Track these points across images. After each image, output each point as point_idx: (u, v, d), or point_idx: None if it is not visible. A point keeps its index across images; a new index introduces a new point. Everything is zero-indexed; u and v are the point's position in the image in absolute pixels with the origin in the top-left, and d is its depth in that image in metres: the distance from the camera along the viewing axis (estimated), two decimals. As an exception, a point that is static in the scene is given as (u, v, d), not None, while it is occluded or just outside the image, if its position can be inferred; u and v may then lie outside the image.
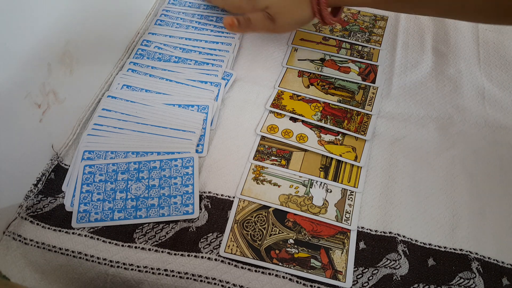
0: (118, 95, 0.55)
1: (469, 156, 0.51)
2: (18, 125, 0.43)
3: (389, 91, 0.58)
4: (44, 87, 0.46)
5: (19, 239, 0.44)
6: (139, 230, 0.45)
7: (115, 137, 0.52)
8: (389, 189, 0.49)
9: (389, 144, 0.52)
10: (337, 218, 0.46)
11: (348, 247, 0.44)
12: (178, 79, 0.58)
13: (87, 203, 0.46)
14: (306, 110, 0.55)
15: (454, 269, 0.43)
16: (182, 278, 0.43)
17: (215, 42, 0.63)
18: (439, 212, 0.47)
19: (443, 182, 0.49)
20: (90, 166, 0.49)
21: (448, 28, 0.64)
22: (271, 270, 0.43)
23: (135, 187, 0.48)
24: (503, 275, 0.43)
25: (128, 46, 0.62)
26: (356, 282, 0.42)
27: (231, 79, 0.58)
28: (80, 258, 0.44)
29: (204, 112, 0.54)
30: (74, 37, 0.49)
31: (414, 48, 0.63)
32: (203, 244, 0.45)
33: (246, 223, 0.46)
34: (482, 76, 0.59)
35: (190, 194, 0.47)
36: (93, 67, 0.55)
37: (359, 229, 0.46)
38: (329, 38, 0.64)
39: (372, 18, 0.67)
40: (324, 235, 0.45)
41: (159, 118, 0.53)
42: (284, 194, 0.48)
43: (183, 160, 0.49)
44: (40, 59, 0.45)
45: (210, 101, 0.55)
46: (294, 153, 0.51)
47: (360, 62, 0.61)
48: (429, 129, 0.54)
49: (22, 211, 0.46)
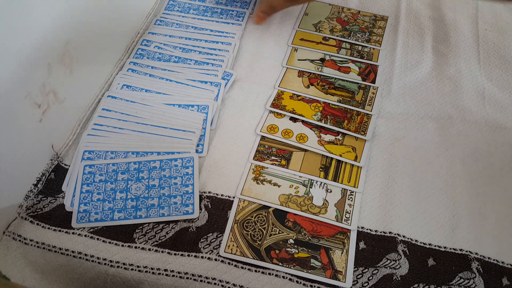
0: (118, 95, 0.55)
1: (469, 156, 0.51)
2: (18, 125, 0.43)
3: (389, 91, 0.58)
4: (44, 87, 0.46)
5: (19, 239, 0.44)
6: (139, 230, 0.45)
7: (115, 137, 0.52)
8: (389, 189, 0.49)
9: (389, 144, 0.52)
10: (337, 218, 0.46)
11: (348, 247, 0.44)
12: (178, 79, 0.58)
13: (87, 203, 0.46)
14: (306, 110, 0.55)
15: (454, 269, 0.43)
16: (182, 278, 0.43)
17: (215, 42, 0.63)
18: (439, 212, 0.47)
19: (443, 182, 0.49)
20: (90, 166, 0.49)
21: (448, 28, 0.64)
22: (271, 270, 0.43)
23: (135, 187, 0.48)
24: (503, 275, 0.43)
25: (128, 46, 0.62)
26: (356, 282, 0.42)
27: (231, 79, 0.58)
28: (80, 258, 0.44)
29: (204, 112, 0.54)
30: (74, 37, 0.49)
31: (414, 48, 0.63)
32: (203, 244, 0.45)
33: (246, 223, 0.46)
34: (482, 76, 0.59)
35: (190, 194, 0.47)
36: (93, 67, 0.55)
37: (359, 229, 0.46)
38: (329, 38, 0.64)
39: (372, 18, 0.67)
40: (324, 235, 0.45)
41: (159, 118, 0.53)
42: (284, 194, 0.48)
43: (183, 160, 0.49)
44: (40, 59, 0.45)
45: (210, 101, 0.55)
46: (294, 153, 0.51)
47: (360, 62, 0.61)
48: (429, 129, 0.54)
49: (22, 211, 0.46)
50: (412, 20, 0.66)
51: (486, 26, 0.65)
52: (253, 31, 0.65)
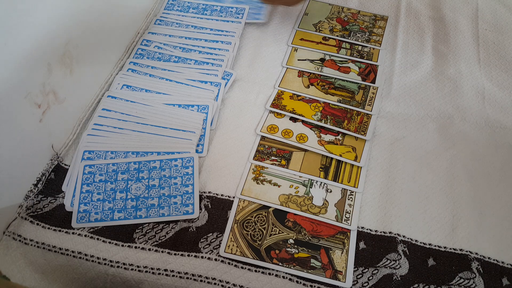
0: (118, 95, 0.55)
1: (469, 156, 0.51)
2: (18, 125, 0.43)
3: (389, 91, 0.58)
4: (44, 87, 0.46)
5: (19, 239, 0.44)
6: (139, 230, 0.45)
7: (115, 137, 0.52)
8: (389, 189, 0.48)
9: (389, 144, 0.52)
10: (337, 218, 0.46)
11: (348, 247, 0.44)
12: (178, 79, 0.58)
13: (87, 203, 0.46)
14: (306, 110, 0.55)
15: (454, 269, 0.43)
16: (182, 278, 0.43)
17: (215, 41, 0.63)
18: (439, 212, 0.47)
19: (443, 182, 0.49)
20: (90, 166, 0.49)
21: (448, 28, 0.64)
22: (271, 270, 0.43)
23: (135, 187, 0.48)
24: (503, 275, 0.43)
25: (128, 46, 0.62)
26: (356, 282, 0.42)
27: (231, 78, 0.58)
28: (80, 258, 0.44)
29: (204, 112, 0.54)
30: (74, 37, 0.49)
31: (414, 48, 0.63)
32: (203, 244, 0.45)
33: (246, 223, 0.46)
34: (482, 76, 0.59)
35: (190, 194, 0.47)
36: (93, 67, 0.55)
37: (359, 229, 0.46)
38: (329, 38, 0.64)
39: (372, 18, 0.67)
40: (324, 235, 0.45)
41: (159, 118, 0.53)
42: (284, 194, 0.48)
43: (183, 160, 0.49)
44: (40, 59, 0.45)
45: (210, 101, 0.55)
46: (294, 153, 0.51)
47: (360, 62, 0.61)
48: (429, 129, 0.54)
49: (22, 211, 0.46)
50: (412, 20, 0.66)
51: (486, 26, 0.65)
52: (253, 30, 0.65)
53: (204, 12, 0.67)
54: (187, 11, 0.67)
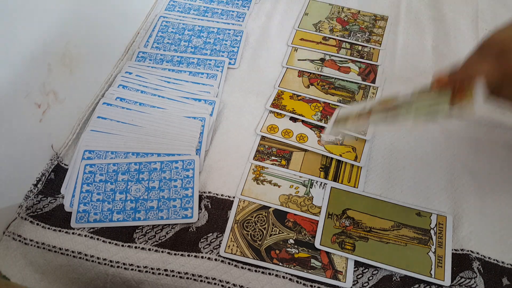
0: (114, 102, 0.54)
1: (469, 155, 0.51)
2: (18, 125, 0.43)
3: (389, 91, 0.58)
4: (44, 87, 0.46)
5: (19, 239, 0.44)
6: (139, 230, 0.45)
7: (115, 137, 0.51)
8: (389, 189, 0.48)
9: (389, 144, 0.52)
10: (337, 218, 0.46)
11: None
12: (171, 96, 0.56)
13: (87, 203, 0.46)
14: (306, 110, 0.55)
15: (454, 269, 0.43)
16: (182, 278, 0.43)
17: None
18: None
19: (443, 182, 0.49)
20: (90, 166, 0.49)
21: (448, 28, 0.64)
22: (271, 270, 0.43)
23: (135, 188, 0.48)
24: (503, 275, 0.43)
25: (127, 46, 0.62)
26: (356, 282, 0.42)
27: (216, 106, 0.55)
28: (80, 258, 0.44)
29: (204, 113, 0.54)
30: (74, 38, 0.49)
31: (414, 48, 0.63)
32: (203, 244, 0.45)
33: (246, 223, 0.46)
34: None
35: (189, 198, 0.47)
36: (93, 67, 0.55)
37: (359, 229, 0.46)
38: (329, 38, 0.64)
39: (372, 18, 0.67)
40: (324, 235, 0.45)
41: (157, 126, 0.52)
42: (284, 194, 0.48)
43: (183, 162, 0.49)
44: (40, 59, 0.45)
45: (205, 115, 0.53)
46: (294, 153, 0.51)
47: (360, 62, 0.61)
48: (429, 129, 0.54)
49: (22, 211, 0.46)
50: (412, 20, 0.66)
51: (486, 26, 0.64)
52: (253, 31, 0.65)
53: (205, 14, 0.67)
54: (188, 12, 0.67)
